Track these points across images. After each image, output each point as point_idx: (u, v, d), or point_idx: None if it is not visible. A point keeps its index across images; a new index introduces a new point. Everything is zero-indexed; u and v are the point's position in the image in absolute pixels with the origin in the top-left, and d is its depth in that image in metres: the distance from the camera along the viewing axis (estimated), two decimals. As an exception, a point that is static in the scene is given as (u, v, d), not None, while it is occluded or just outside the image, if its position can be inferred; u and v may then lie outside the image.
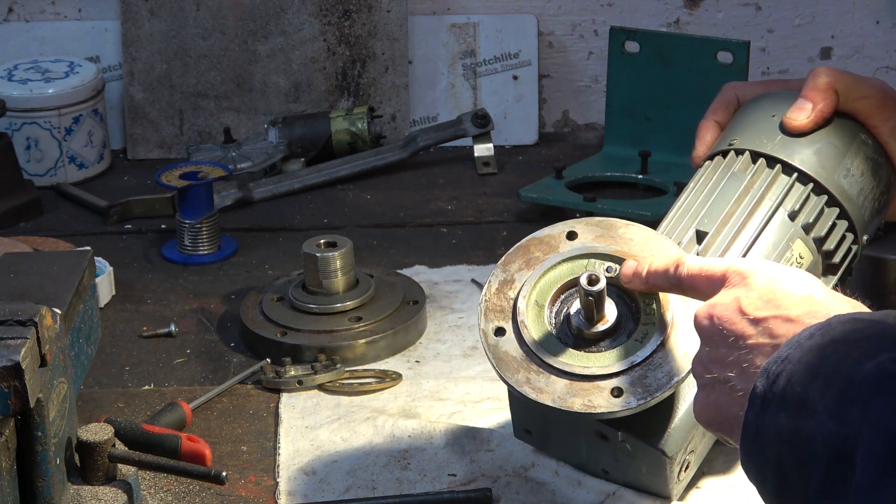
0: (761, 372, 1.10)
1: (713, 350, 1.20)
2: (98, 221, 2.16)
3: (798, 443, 1.04)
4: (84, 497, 1.39)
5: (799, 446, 1.04)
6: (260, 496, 1.53)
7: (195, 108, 2.38)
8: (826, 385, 1.04)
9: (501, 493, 1.50)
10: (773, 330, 1.15)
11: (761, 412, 1.09)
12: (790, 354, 1.09)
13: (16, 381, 1.28)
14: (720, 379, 1.18)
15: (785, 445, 1.06)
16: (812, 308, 1.15)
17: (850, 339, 1.06)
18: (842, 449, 1.00)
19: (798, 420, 1.05)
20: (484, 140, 2.33)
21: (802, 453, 1.04)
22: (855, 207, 1.46)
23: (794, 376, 1.07)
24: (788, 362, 1.08)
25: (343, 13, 2.36)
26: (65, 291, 1.52)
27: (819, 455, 1.02)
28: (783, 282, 1.19)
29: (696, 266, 1.29)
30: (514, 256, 1.44)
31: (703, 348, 1.22)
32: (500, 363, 1.39)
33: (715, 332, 1.20)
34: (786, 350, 1.10)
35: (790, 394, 1.06)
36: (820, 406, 1.03)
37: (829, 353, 1.06)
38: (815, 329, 1.10)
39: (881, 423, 0.98)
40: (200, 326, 1.86)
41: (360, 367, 1.75)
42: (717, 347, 1.19)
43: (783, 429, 1.06)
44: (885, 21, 2.44)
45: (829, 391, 1.03)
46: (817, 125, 1.46)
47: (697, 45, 2.21)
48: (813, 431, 1.03)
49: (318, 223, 2.15)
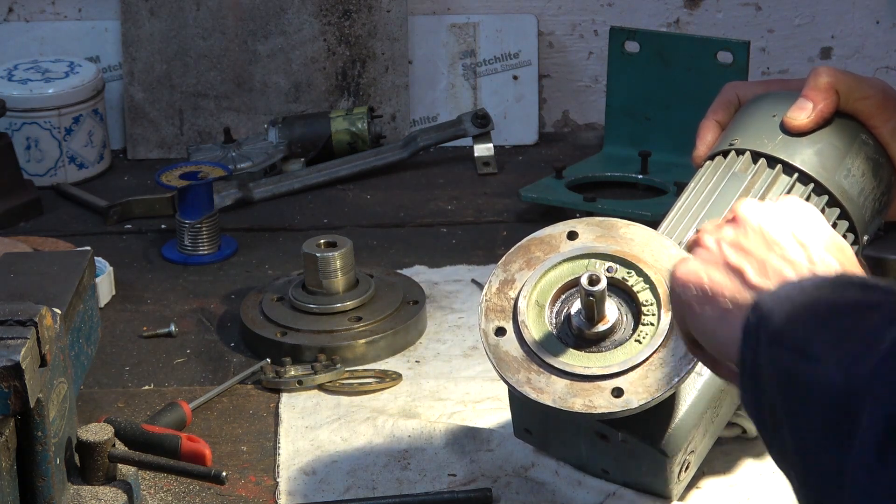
0: (754, 305, 1.10)
1: (742, 239, 1.19)
2: (98, 221, 2.16)
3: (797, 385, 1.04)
4: (84, 497, 1.39)
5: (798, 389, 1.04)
6: (260, 496, 1.53)
7: (195, 108, 2.37)
8: (839, 340, 1.03)
9: (501, 493, 1.50)
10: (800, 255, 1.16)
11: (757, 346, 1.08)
12: (791, 295, 1.09)
13: (16, 381, 1.28)
14: (735, 266, 1.17)
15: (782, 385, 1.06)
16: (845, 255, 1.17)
17: (865, 303, 1.06)
18: (848, 401, 1.00)
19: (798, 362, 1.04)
20: (484, 140, 2.33)
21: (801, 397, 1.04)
22: (855, 208, 1.46)
23: (796, 321, 1.07)
24: (788, 302, 1.08)
25: (343, 13, 2.36)
26: (65, 291, 1.52)
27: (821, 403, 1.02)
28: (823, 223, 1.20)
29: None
30: (514, 256, 1.44)
31: (728, 230, 1.21)
32: (500, 363, 1.38)
33: (754, 227, 1.19)
34: (788, 289, 1.10)
35: (789, 335, 1.06)
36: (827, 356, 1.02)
37: (844, 312, 1.06)
38: (824, 280, 1.11)
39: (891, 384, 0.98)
40: (200, 326, 1.86)
41: (360, 367, 1.75)
42: (746, 239, 1.19)
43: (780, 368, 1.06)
44: (885, 21, 2.44)
45: (842, 346, 1.03)
46: (818, 125, 1.46)
47: (697, 45, 2.21)
48: (817, 378, 1.03)
49: (318, 223, 2.15)
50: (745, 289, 1.15)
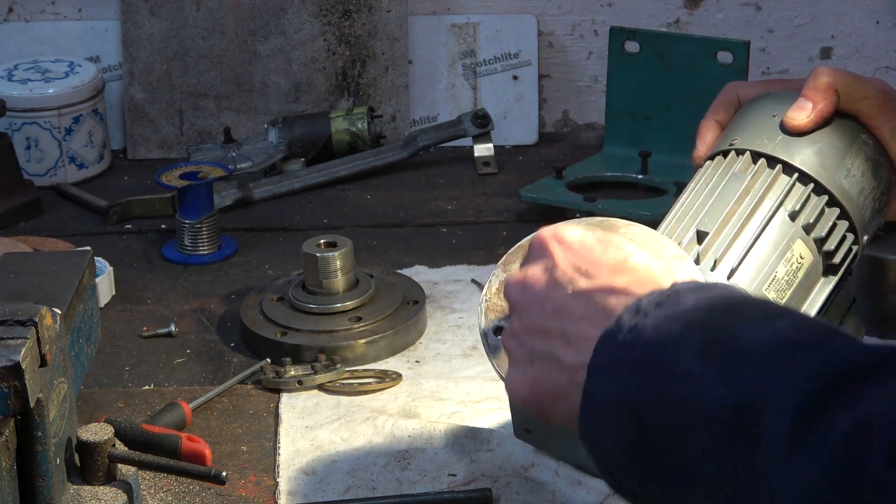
0: (603, 339, 1.07)
1: (529, 322, 1.16)
2: (98, 221, 2.16)
3: (671, 409, 1.01)
4: (84, 497, 1.39)
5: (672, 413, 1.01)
6: (260, 496, 1.53)
7: (195, 108, 2.37)
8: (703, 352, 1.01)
9: (501, 493, 1.50)
10: (596, 301, 1.12)
11: (607, 379, 1.05)
12: (639, 323, 1.06)
13: (16, 381, 1.28)
14: (542, 352, 1.14)
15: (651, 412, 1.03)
16: (636, 276, 1.13)
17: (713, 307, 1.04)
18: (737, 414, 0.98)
19: (667, 386, 1.02)
20: (484, 140, 2.33)
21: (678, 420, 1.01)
22: (855, 208, 1.46)
23: (654, 345, 1.04)
24: (640, 330, 1.05)
25: (343, 13, 2.36)
26: (65, 291, 1.52)
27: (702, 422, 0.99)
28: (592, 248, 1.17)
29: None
30: (514, 256, 1.44)
31: (514, 321, 1.19)
32: (500, 363, 1.38)
33: (530, 303, 1.17)
34: (629, 318, 1.07)
35: (649, 360, 1.03)
36: (699, 373, 1.00)
37: (695, 322, 1.04)
38: (660, 296, 1.07)
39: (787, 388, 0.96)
40: (200, 326, 1.86)
41: (360, 367, 1.75)
42: (533, 320, 1.16)
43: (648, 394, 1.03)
44: (885, 21, 2.44)
45: (709, 358, 1.01)
46: (817, 125, 1.45)
47: (697, 45, 2.21)
48: (693, 398, 1.00)
49: (318, 223, 2.15)
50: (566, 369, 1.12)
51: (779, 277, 1.42)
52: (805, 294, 1.45)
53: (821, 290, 1.46)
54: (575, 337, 1.12)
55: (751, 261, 1.42)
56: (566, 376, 1.12)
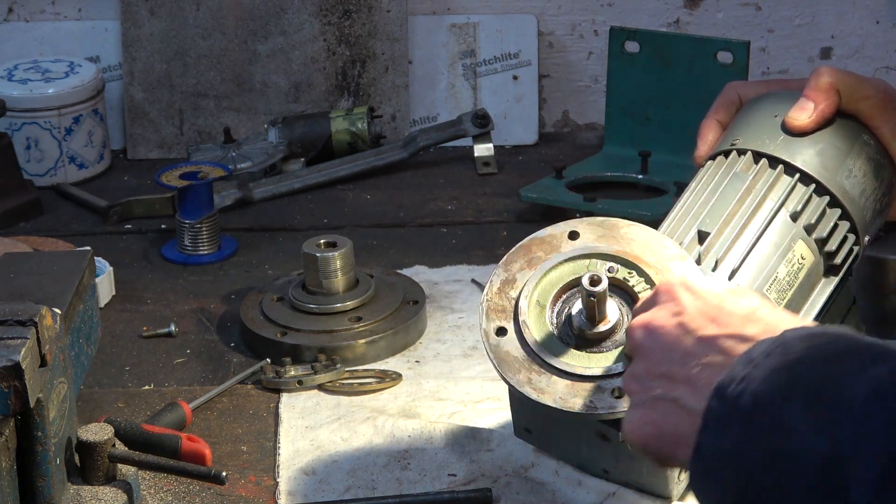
0: (714, 391, 1.06)
1: (654, 366, 1.17)
2: (98, 221, 2.16)
3: (774, 463, 1.01)
4: (84, 497, 1.39)
5: (775, 467, 1.01)
6: (260, 496, 1.53)
7: (195, 108, 2.37)
8: (807, 405, 1.01)
9: (501, 493, 1.50)
10: (726, 348, 1.13)
11: (720, 432, 1.05)
12: (749, 374, 1.05)
13: (16, 381, 1.28)
14: (666, 397, 1.15)
15: (755, 466, 1.02)
16: (766, 326, 1.13)
17: (819, 357, 1.04)
18: (831, 468, 0.97)
19: (774, 440, 1.01)
20: (484, 140, 2.33)
21: (780, 474, 1.01)
22: (857, 208, 1.46)
23: (762, 397, 1.03)
24: (749, 381, 1.05)
25: (343, 13, 2.36)
26: (65, 291, 1.52)
27: (801, 475, 0.99)
28: (723, 297, 1.17)
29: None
30: (515, 256, 1.44)
31: (638, 364, 1.19)
32: (501, 363, 1.38)
33: (656, 347, 1.17)
34: (741, 369, 1.06)
35: (759, 414, 1.03)
36: (803, 427, 1.00)
37: (801, 373, 1.03)
38: (770, 346, 1.07)
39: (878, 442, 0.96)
40: (200, 326, 1.86)
41: (360, 367, 1.75)
42: (659, 364, 1.16)
43: (753, 449, 1.02)
44: (885, 21, 2.44)
45: (812, 410, 1.00)
46: (819, 125, 1.45)
47: (697, 45, 2.21)
48: (795, 451, 1.00)
49: (318, 223, 2.15)
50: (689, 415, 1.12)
51: (780, 278, 1.42)
52: (806, 295, 1.45)
53: (822, 290, 1.46)
54: (699, 383, 1.12)
55: (752, 261, 1.42)
56: (688, 422, 1.11)
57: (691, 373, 1.13)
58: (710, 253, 1.42)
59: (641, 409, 1.17)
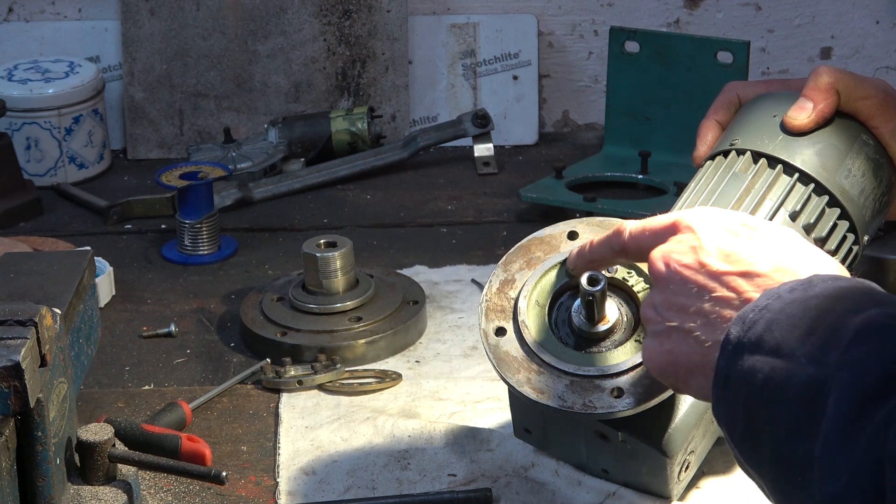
0: (736, 319, 1.12)
1: (671, 297, 1.20)
2: (98, 221, 2.16)
3: (772, 385, 1.07)
4: (84, 497, 1.39)
5: (772, 388, 1.07)
6: (260, 496, 1.53)
7: (195, 108, 2.38)
8: (808, 333, 1.06)
9: (501, 493, 1.50)
10: (738, 286, 1.16)
11: (733, 357, 1.10)
12: (769, 304, 1.11)
13: (16, 381, 1.28)
14: (680, 328, 1.19)
15: (757, 388, 1.08)
16: (781, 264, 1.17)
17: (834, 295, 1.09)
18: (816, 391, 1.03)
19: (774, 363, 1.07)
20: (484, 140, 2.33)
21: (775, 395, 1.06)
22: (856, 208, 1.46)
23: (774, 325, 1.09)
24: (767, 311, 1.10)
25: (343, 13, 2.36)
26: (65, 291, 1.52)
27: (792, 397, 1.05)
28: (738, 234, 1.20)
29: (637, 227, 1.29)
30: (515, 256, 1.44)
31: (656, 294, 1.22)
32: (500, 363, 1.38)
33: (673, 279, 1.20)
34: (764, 300, 1.12)
35: (767, 340, 1.08)
36: (799, 352, 1.06)
37: (813, 306, 1.08)
38: (797, 284, 1.12)
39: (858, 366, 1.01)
40: (200, 326, 1.86)
41: (360, 367, 1.75)
42: (675, 295, 1.20)
43: (757, 372, 1.08)
44: (885, 21, 2.44)
45: (810, 339, 1.06)
46: (818, 125, 1.45)
47: (697, 45, 2.21)
48: (789, 375, 1.06)
49: (318, 223, 2.15)
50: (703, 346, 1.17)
51: (779, 277, 1.42)
52: (805, 294, 1.45)
53: (821, 290, 1.46)
54: (714, 316, 1.16)
55: (751, 261, 1.42)
56: (701, 353, 1.16)
57: (704, 306, 1.17)
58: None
59: (658, 339, 1.21)
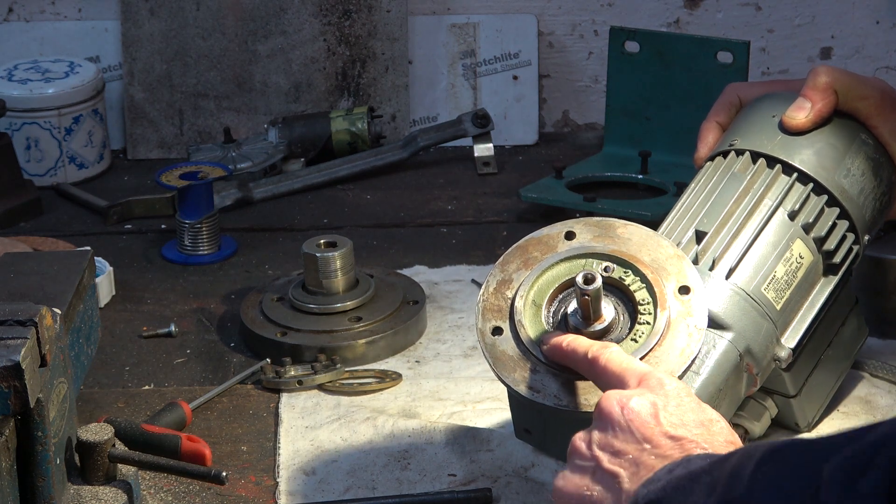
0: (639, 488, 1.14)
1: (610, 439, 1.20)
2: (98, 221, 2.16)
3: None
4: (84, 497, 1.39)
5: None
6: (260, 496, 1.53)
7: (195, 108, 2.38)
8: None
9: (501, 493, 1.50)
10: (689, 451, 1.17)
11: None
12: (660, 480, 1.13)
13: (16, 381, 1.28)
14: (607, 469, 1.19)
15: None
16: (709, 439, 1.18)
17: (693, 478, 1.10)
18: None
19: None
20: (484, 140, 2.33)
21: None
22: (856, 207, 1.46)
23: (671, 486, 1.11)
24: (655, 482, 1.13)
25: (343, 13, 2.36)
26: (65, 291, 1.52)
27: None
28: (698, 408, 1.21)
29: (615, 361, 1.29)
30: (512, 256, 1.44)
31: (595, 431, 1.22)
32: (497, 362, 1.39)
33: (622, 424, 1.20)
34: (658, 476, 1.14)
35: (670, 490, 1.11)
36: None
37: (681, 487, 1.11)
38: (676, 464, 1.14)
39: None
40: (200, 326, 1.86)
41: (360, 367, 1.75)
42: (617, 440, 1.20)
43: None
44: (885, 21, 2.44)
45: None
46: (816, 125, 1.46)
47: (697, 45, 2.21)
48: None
49: (318, 223, 2.15)
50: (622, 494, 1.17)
51: (778, 277, 1.42)
52: (805, 294, 1.45)
53: (821, 290, 1.47)
54: (646, 468, 1.17)
55: (749, 260, 1.42)
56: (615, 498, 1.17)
57: (643, 458, 1.18)
58: (708, 252, 1.43)
59: (578, 473, 1.21)
